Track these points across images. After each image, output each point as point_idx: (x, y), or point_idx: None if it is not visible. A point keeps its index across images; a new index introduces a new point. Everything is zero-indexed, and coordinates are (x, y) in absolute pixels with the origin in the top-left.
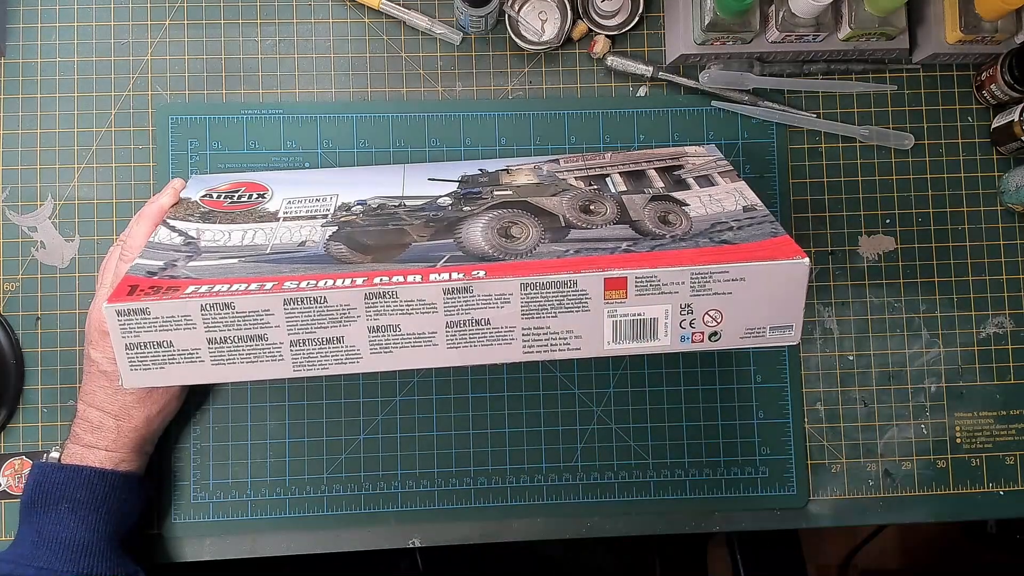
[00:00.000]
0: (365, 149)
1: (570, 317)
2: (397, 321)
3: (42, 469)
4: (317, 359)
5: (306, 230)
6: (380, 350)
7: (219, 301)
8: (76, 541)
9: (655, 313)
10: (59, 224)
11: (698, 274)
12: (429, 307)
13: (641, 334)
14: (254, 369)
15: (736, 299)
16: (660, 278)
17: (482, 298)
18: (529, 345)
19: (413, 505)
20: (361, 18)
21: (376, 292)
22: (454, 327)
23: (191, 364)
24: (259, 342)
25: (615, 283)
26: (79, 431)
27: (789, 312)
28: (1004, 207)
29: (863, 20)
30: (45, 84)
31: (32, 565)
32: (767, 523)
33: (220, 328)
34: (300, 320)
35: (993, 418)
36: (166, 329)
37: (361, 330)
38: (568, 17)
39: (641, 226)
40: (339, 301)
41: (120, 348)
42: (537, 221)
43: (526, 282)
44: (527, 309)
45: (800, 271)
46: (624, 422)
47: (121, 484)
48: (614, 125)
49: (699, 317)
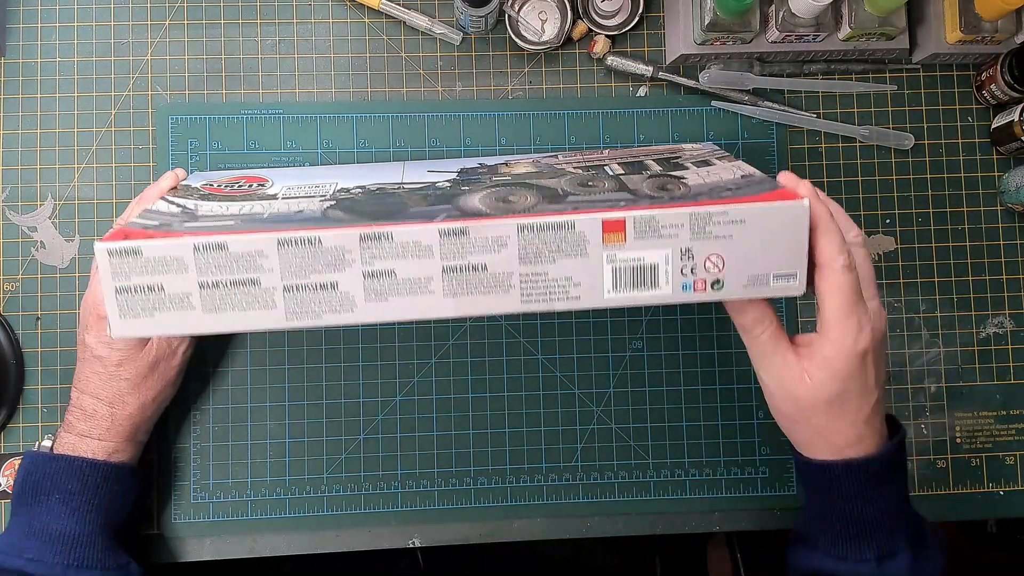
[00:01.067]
0: (365, 149)
1: (569, 262)
2: (393, 266)
3: (33, 459)
4: (311, 307)
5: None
6: (375, 297)
7: (212, 241)
8: (67, 532)
9: (655, 259)
10: (59, 224)
11: (697, 216)
12: (425, 250)
13: (641, 281)
14: (246, 317)
15: (737, 243)
16: (659, 220)
17: (479, 241)
18: (527, 293)
19: (413, 505)
20: (361, 18)
21: (371, 234)
22: (450, 272)
23: (182, 311)
24: (252, 287)
25: (613, 225)
26: (72, 419)
27: (792, 259)
28: (1004, 207)
29: (863, 20)
30: (45, 84)
31: (22, 556)
32: (767, 523)
33: (212, 271)
34: (294, 264)
35: (993, 418)
36: (158, 271)
37: (356, 275)
38: (568, 17)
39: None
40: (334, 243)
41: (110, 292)
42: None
43: (523, 224)
44: (524, 253)
45: (800, 212)
46: (624, 422)
47: (114, 475)
48: (614, 125)
49: (700, 263)
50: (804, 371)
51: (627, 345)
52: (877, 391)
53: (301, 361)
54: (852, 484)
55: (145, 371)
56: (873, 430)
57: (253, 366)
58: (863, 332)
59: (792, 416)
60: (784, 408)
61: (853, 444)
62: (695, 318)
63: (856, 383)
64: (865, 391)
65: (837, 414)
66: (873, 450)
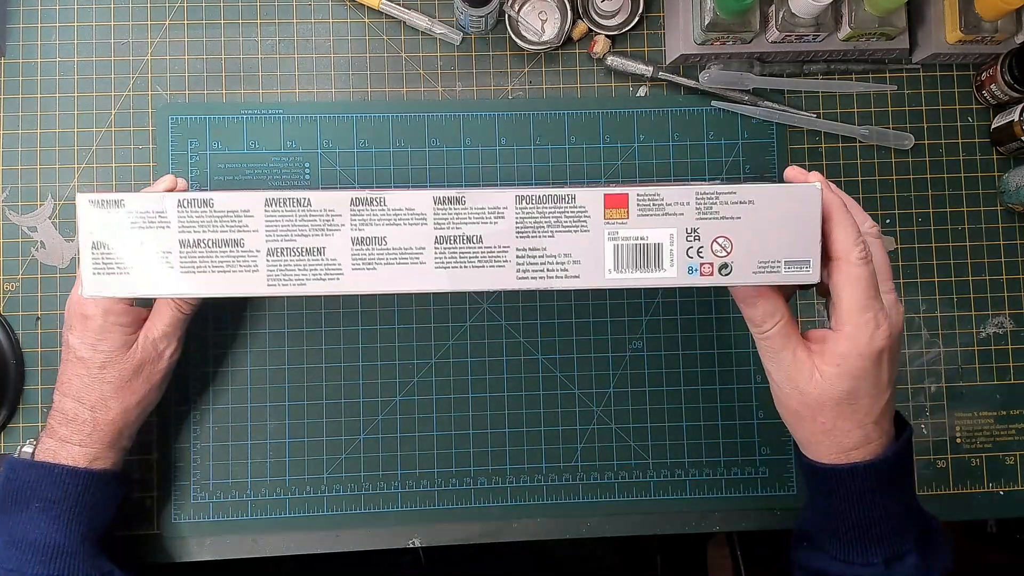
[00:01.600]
0: (365, 149)
1: (568, 238)
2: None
3: (12, 466)
4: (294, 272)
5: None
6: (363, 265)
7: (198, 197)
8: (48, 542)
9: (659, 237)
10: (59, 224)
11: (704, 194)
12: (419, 218)
13: (645, 262)
14: (225, 280)
15: (746, 225)
16: (663, 196)
17: (475, 211)
18: (524, 270)
19: (413, 505)
20: (361, 18)
21: (363, 198)
22: (444, 243)
23: (159, 269)
24: (234, 248)
25: (616, 200)
26: (53, 423)
27: (805, 245)
28: (1004, 207)
29: (863, 20)
30: (45, 84)
31: (2, 567)
32: (767, 523)
33: (195, 229)
34: (280, 225)
35: (993, 418)
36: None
37: (344, 241)
38: (568, 17)
39: None
40: (323, 205)
41: (86, 246)
42: None
43: (522, 194)
44: (522, 226)
45: (812, 193)
46: (624, 422)
47: (95, 483)
48: (614, 125)
49: (707, 245)
50: (815, 368)
51: (627, 345)
52: (889, 391)
53: (301, 361)
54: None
55: (129, 374)
56: (881, 431)
57: (253, 366)
58: (880, 329)
59: (799, 413)
60: (790, 404)
61: (860, 446)
62: (695, 318)
63: (868, 382)
64: (877, 391)
65: (846, 413)
66: (880, 452)
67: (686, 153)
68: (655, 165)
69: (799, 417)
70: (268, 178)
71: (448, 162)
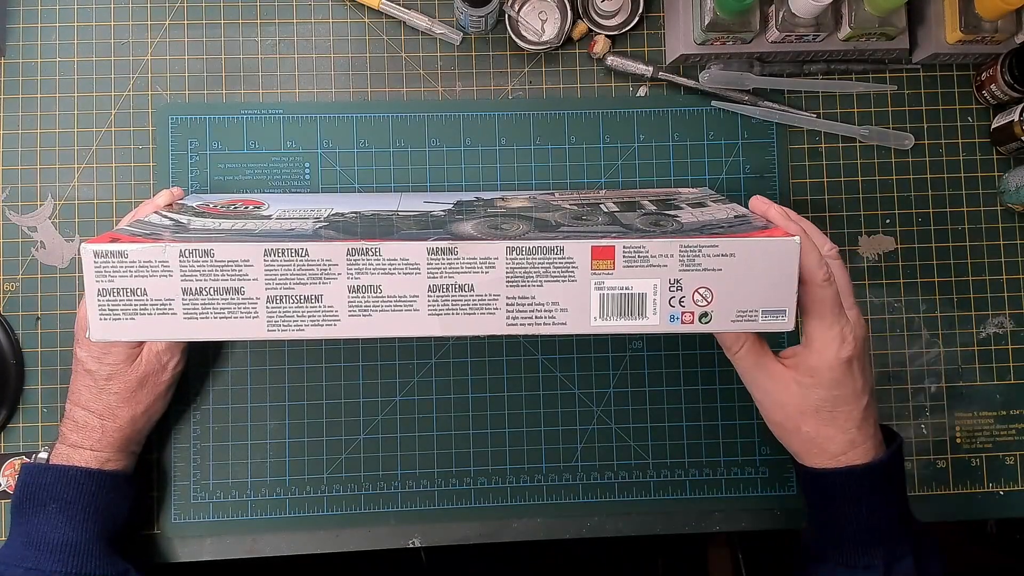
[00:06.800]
0: (365, 149)
1: (556, 287)
2: (379, 281)
3: (29, 470)
4: (293, 319)
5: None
6: (359, 312)
7: (199, 247)
8: (65, 541)
9: (643, 288)
10: (59, 224)
11: (687, 247)
12: (412, 267)
13: (629, 310)
14: (226, 326)
15: (726, 277)
16: (648, 249)
17: (467, 261)
18: (513, 316)
19: (413, 505)
20: (361, 18)
21: (359, 248)
22: (437, 291)
23: (163, 316)
24: (235, 296)
25: (603, 252)
26: (66, 431)
27: (782, 295)
28: (1004, 207)
29: (863, 20)
30: (45, 84)
31: (21, 566)
32: (767, 523)
33: (197, 277)
34: (279, 274)
35: (993, 418)
36: (141, 275)
37: (341, 289)
38: (568, 17)
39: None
40: (321, 256)
41: (92, 294)
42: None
43: (512, 246)
44: (512, 276)
45: (790, 248)
46: (624, 422)
47: (109, 483)
48: (614, 125)
49: (689, 295)
50: (791, 380)
51: (627, 345)
52: (866, 396)
53: (301, 361)
54: (855, 491)
55: (134, 386)
56: (866, 435)
57: (253, 366)
58: (846, 342)
59: (783, 425)
60: (774, 417)
61: (847, 450)
62: None
63: (844, 390)
64: (853, 397)
65: (827, 420)
66: (870, 455)
67: (686, 153)
68: (655, 165)
69: (784, 429)
70: (268, 178)
71: (448, 162)
